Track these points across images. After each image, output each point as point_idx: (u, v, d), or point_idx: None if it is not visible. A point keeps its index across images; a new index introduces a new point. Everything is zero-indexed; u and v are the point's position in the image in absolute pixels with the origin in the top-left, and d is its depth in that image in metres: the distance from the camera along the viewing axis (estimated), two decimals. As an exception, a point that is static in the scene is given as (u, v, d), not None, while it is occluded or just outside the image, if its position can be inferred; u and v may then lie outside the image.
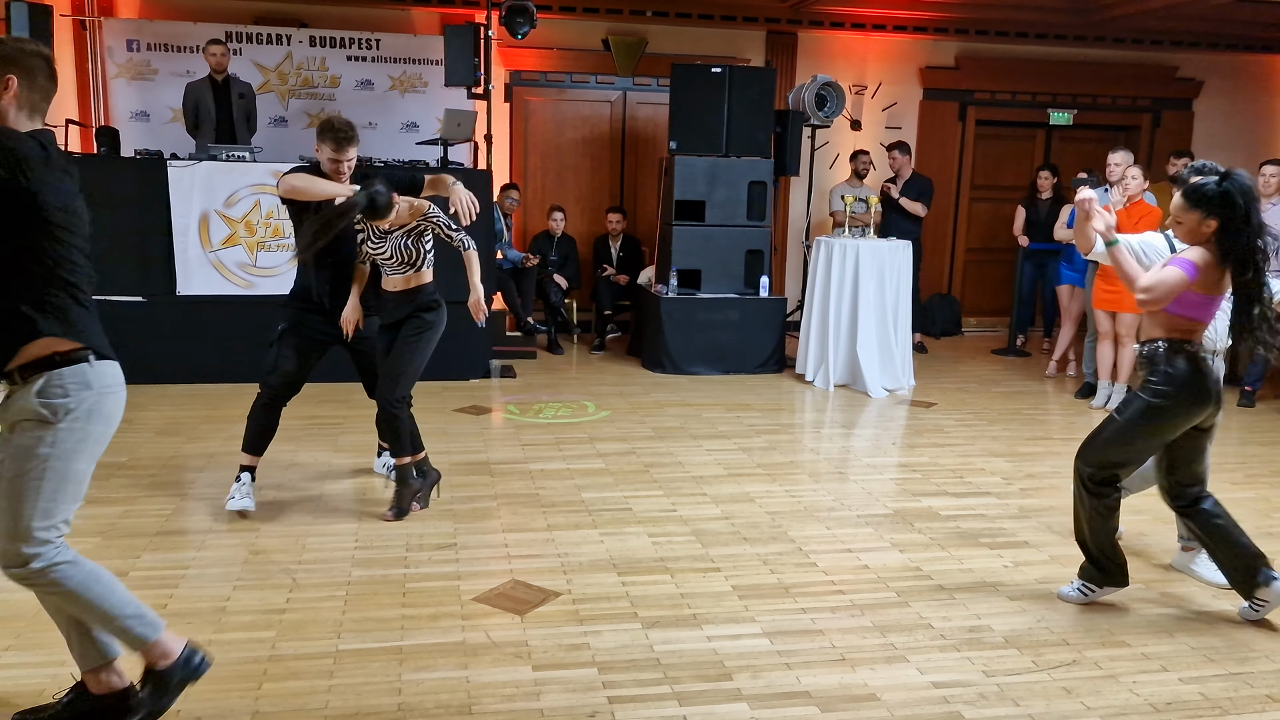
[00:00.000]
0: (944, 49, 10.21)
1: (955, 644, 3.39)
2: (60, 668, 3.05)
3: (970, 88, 10.32)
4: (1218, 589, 3.84)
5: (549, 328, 8.77)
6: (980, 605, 3.70)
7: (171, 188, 6.77)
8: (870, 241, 7.54)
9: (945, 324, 10.26)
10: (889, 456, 5.78)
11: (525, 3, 7.74)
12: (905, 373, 7.53)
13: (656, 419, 6.40)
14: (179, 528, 4.30)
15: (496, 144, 8.12)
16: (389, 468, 4.84)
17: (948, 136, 10.40)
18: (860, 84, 10.10)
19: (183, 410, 6.26)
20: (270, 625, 3.38)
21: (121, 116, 8.60)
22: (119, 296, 6.82)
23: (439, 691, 2.98)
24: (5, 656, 3.13)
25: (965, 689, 3.09)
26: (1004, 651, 3.34)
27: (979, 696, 3.05)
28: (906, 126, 10.28)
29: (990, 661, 3.27)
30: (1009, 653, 3.34)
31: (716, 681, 3.09)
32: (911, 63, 10.20)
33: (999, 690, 3.09)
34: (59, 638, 3.24)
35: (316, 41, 8.86)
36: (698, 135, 7.98)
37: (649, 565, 4.00)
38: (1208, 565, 3.85)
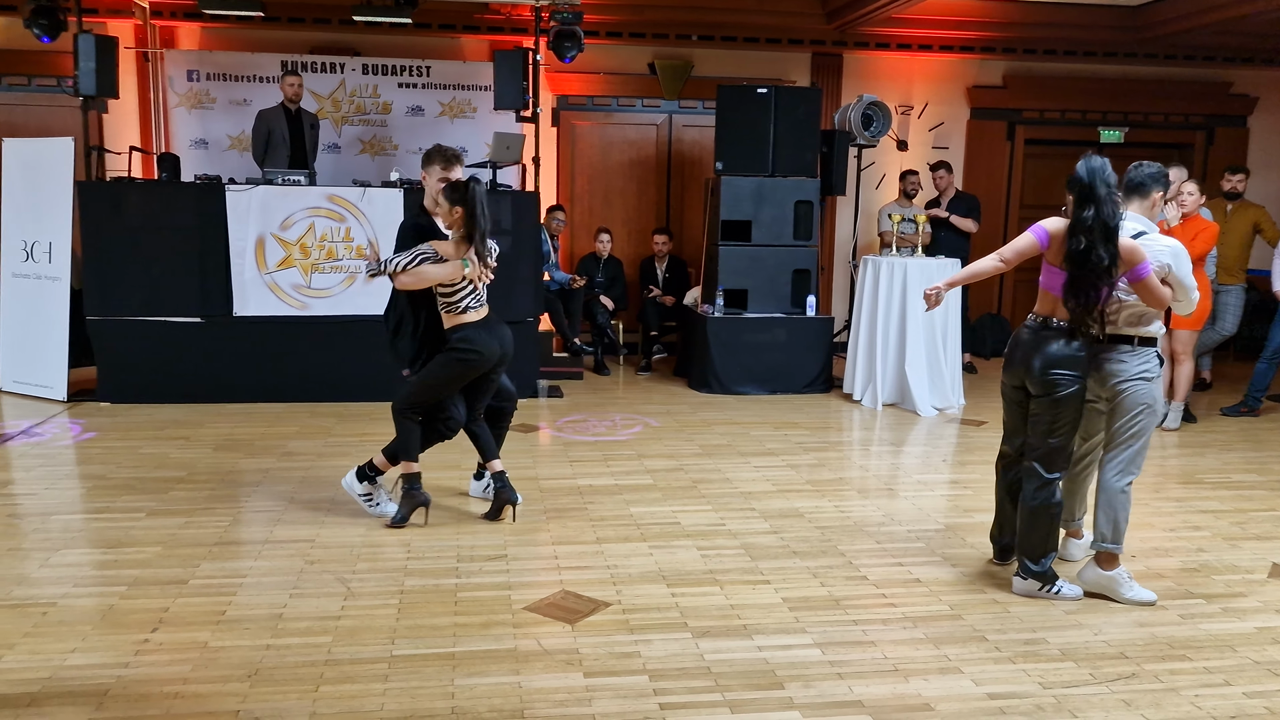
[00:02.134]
0: (991, 68, 10.18)
1: (1010, 656, 3.34)
2: (125, 669, 3.13)
3: (1018, 107, 10.26)
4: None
5: (596, 349, 8.82)
6: (1035, 619, 3.65)
7: (229, 211, 6.95)
8: (919, 260, 7.51)
9: (995, 344, 10.14)
10: (939, 473, 5.72)
11: (573, 28, 7.86)
12: (955, 391, 7.47)
13: (704, 437, 6.41)
14: (236, 538, 4.38)
15: (544, 167, 8.24)
16: (486, 489, 4.88)
17: (996, 156, 10.34)
18: (906, 104, 10.09)
19: (239, 428, 6.38)
20: (326, 631, 3.43)
21: (182, 144, 8.85)
22: (177, 317, 6.99)
23: (492, 696, 3.01)
24: (71, 658, 3.20)
25: (1021, 700, 3.05)
26: (1060, 664, 3.29)
27: (1035, 708, 3.01)
28: (954, 146, 10.24)
29: (1046, 673, 3.22)
30: (1065, 665, 3.28)
31: (768, 690, 3.08)
32: (958, 82, 10.17)
33: (1056, 702, 3.04)
34: (126, 641, 3.33)
35: (369, 69, 9.06)
36: (744, 156, 8.02)
37: (698, 577, 4.00)
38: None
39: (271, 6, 8.41)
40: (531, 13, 8.12)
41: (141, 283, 6.94)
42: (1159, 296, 3.68)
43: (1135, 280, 3.66)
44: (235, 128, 8.87)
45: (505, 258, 7.31)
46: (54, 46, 7.87)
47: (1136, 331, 3.79)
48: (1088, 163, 3.67)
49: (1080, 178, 3.65)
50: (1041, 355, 3.74)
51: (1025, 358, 3.80)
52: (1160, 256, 3.75)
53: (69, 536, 4.36)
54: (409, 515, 4.56)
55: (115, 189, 7.19)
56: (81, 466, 5.51)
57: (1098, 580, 3.84)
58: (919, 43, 9.77)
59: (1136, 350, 3.79)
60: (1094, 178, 3.62)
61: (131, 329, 6.95)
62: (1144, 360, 3.78)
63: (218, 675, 3.10)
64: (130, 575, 3.90)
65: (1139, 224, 3.84)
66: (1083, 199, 3.63)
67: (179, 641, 3.33)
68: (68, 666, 3.14)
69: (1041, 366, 3.74)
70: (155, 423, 6.47)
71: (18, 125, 8.75)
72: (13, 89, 8.95)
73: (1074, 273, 3.65)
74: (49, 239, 7.15)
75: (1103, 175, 3.63)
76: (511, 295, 7.34)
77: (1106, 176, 3.63)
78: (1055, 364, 3.71)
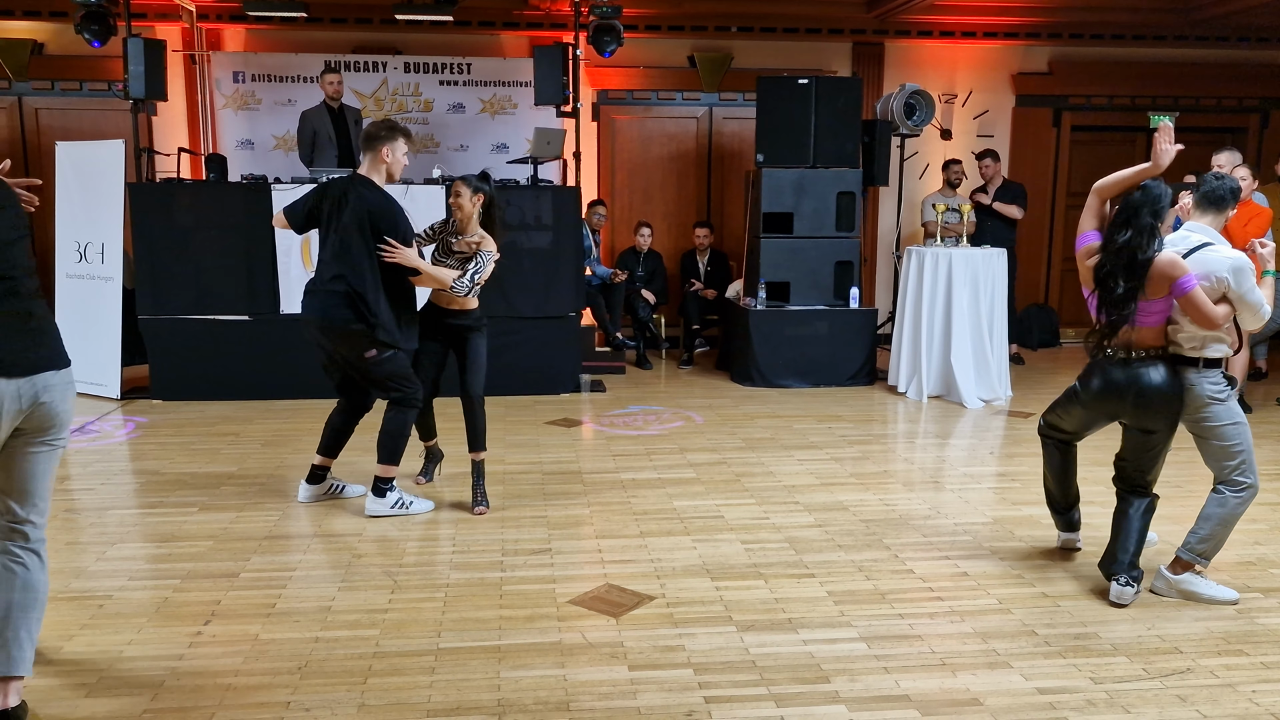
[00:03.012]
0: (1036, 54, 10.01)
1: (1060, 650, 3.30)
2: (179, 661, 3.19)
3: (1064, 93, 10.09)
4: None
5: (637, 343, 8.83)
6: (1086, 613, 3.60)
7: (275, 210, 7.02)
8: (963, 250, 7.42)
9: (1043, 335, 10.00)
10: (986, 466, 5.65)
11: (612, 22, 7.86)
12: (1002, 383, 7.37)
13: (746, 430, 6.39)
14: (285, 533, 4.45)
15: (584, 162, 8.24)
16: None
17: (1042, 143, 10.18)
18: (950, 92, 9.96)
19: (287, 424, 6.47)
20: (374, 624, 3.47)
21: (228, 144, 8.99)
22: (226, 316, 7.10)
23: (537, 689, 3.02)
24: (127, 649, 3.27)
25: (1072, 695, 3.01)
26: (1112, 659, 3.24)
27: (1087, 703, 2.96)
28: (999, 134, 10.09)
29: (1098, 668, 3.17)
30: (1118, 660, 3.23)
31: (814, 684, 3.07)
32: (1003, 69, 10.02)
33: (1108, 697, 2.99)
34: (179, 633, 3.40)
35: (411, 68, 9.13)
36: (785, 147, 7.97)
37: (742, 571, 3.99)
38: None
39: (314, 7, 8.50)
40: (571, 8, 8.13)
41: (191, 282, 7.06)
42: (1207, 314, 3.48)
43: (1178, 295, 3.51)
44: (280, 128, 8.99)
45: (546, 253, 7.42)
46: (104, 51, 8.05)
47: (1200, 354, 3.60)
48: (1150, 188, 3.57)
49: (1132, 199, 3.56)
50: (1139, 388, 3.62)
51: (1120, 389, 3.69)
52: (1216, 269, 3.52)
53: (124, 531, 4.46)
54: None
55: (165, 190, 7.32)
56: (135, 463, 5.62)
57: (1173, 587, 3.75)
58: (962, 30, 9.64)
59: (1203, 372, 3.61)
60: (1143, 204, 3.53)
61: (182, 327, 7.08)
62: (1211, 381, 3.60)
63: (269, 667, 3.15)
64: (183, 569, 3.98)
65: (1205, 235, 3.66)
66: (1124, 221, 3.55)
67: (231, 634, 3.39)
68: (124, 658, 3.21)
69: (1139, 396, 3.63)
70: (206, 419, 6.59)
71: (71, 129, 8.95)
72: (65, 93, 9.14)
73: (1100, 293, 3.62)
74: (101, 240, 7.30)
75: (1155, 204, 3.53)
76: (553, 290, 7.38)
77: (1159, 207, 3.54)
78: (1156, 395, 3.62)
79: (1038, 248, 10.25)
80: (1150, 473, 3.78)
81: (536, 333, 7.38)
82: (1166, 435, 3.69)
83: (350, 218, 4.44)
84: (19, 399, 2.67)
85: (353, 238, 4.43)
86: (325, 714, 2.87)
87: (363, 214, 4.41)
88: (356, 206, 4.43)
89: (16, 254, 2.75)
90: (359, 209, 4.42)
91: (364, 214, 4.41)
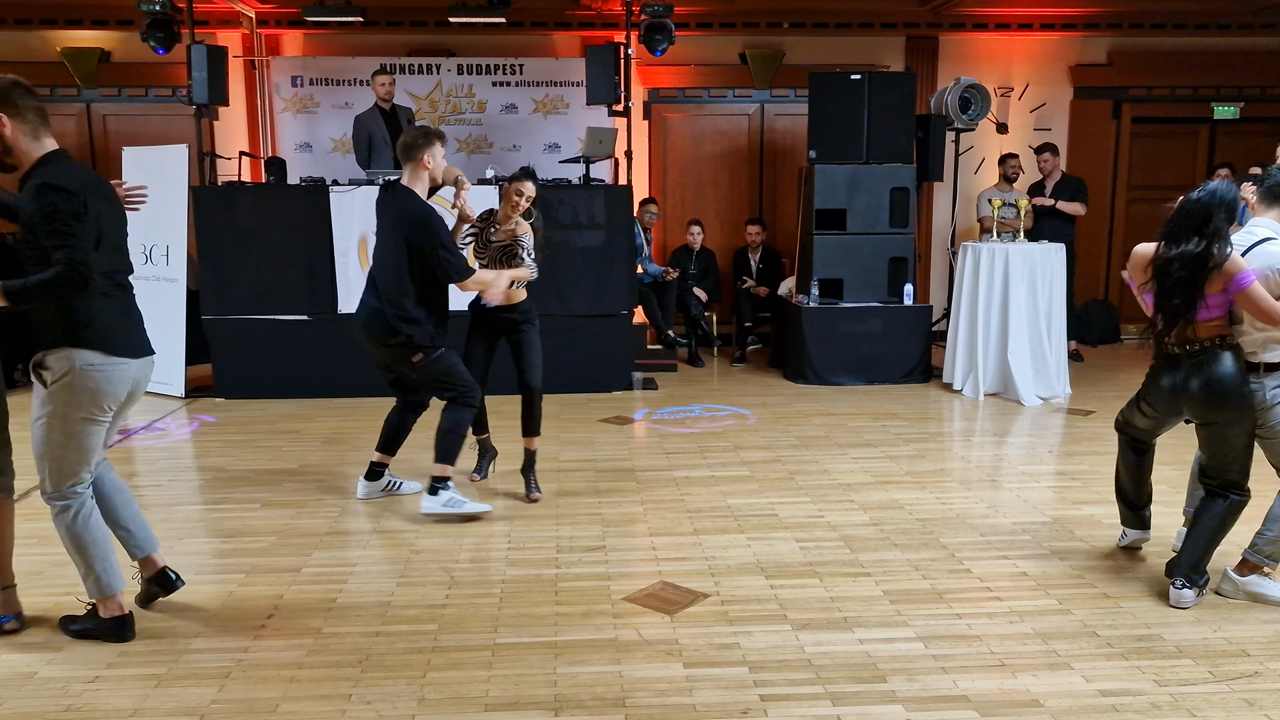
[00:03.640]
0: (1095, 45, 9.83)
1: (1123, 652, 3.24)
2: (245, 653, 3.27)
3: (1125, 84, 9.89)
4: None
5: (690, 340, 8.83)
6: (1150, 614, 3.53)
7: (333, 212, 7.17)
8: (1020, 245, 7.30)
9: (1103, 331, 9.82)
10: (1045, 464, 5.57)
11: (664, 20, 7.87)
12: (1060, 380, 7.25)
13: (800, 428, 6.36)
14: (345, 529, 4.53)
15: (636, 160, 8.26)
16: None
17: (1101, 136, 9.99)
18: (1006, 86, 9.82)
19: (346, 421, 6.59)
20: (432, 619, 3.53)
21: (287, 148, 9.16)
22: (287, 315, 7.24)
23: (594, 685, 3.05)
24: (195, 642, 3.36)
25: (1136, 698, 2.96)
26: (1177, 661, 3.18)
27: (1151, 706, 2.91)
28: (1056, 127, 9.93)
29: (1162, 671, 3.12)
30: (1183, 662, 3.17)
31: (870, 683, 3.05)
32: (1060, 61, 9.85)
33: (1173, 700, 2.94)
34: (245, 626, 3.48)
35: (464, 69, 9.23)
36: (837, 143, 7.92)
37: (797, 569, 3.98)
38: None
39: (370, 11, 8.63)
40: (622, 7, 8.16)
41: (252, 282, 7.22)
42: (1265, 309, 3.39)
43: (1235, 292, 3.42)
44: (337, 130, 9.14)
45: (598, 252, 7.46)
46: (168, 58, 8.24)
47: (1259, 359, 3.54)
48: (1218, 190, 3.48)
49: (1200, 202, 3.47)
50: (1203, 379, 3.55)
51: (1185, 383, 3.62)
52: (1275, 262, 3.47)
53: (191, 526, 4.57)
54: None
55: (227, 193, 7.48)
56: (200, 460, 5.76)
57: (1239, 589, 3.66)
58: (1018, 22, 9.49)
59: (1264, 376, 3.53)
60: (1215, 208, 3.44)
61: (244, 327, 7.24)
62: (1274, 384, 3.53)
63: (330, 660, 3.22)
64: (248, 564, 4.07)
65: (1268, 230, 3.58)
66: (1194, 228, 3.47)
67: (294, 627, 3.47)
68: (192, 650, 3.30)
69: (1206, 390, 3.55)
70: (268, 417, 6.73)
71: (137, 134, 9.19)
72: (131, 100, 9.39)
73: (1158, 294, 3.57)
74: (166, 242, 7.49)
75: (1229, 209, 3.44)
76: (605, 289, 7.41)
77: (1234, 212, 3.45)
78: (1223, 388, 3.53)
79: (1097, 243, 10.06)
80: (1229, 470, 3.63)
81: (589, 331, 7.42)
82: (1240, 427, 3.56)
83: (388, 228, 4.49)
84: (138, 379, 3.32)
85: (390, 248, 4.46)
86: (386, 707, 2.92)
87: (401, 225, 4.42)
88: (396, 217, 4.45)
89: (127, 253, 3.33)
90: (398, 219, 4.44)
91: (402, 225, 4.42)
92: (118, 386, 3.22)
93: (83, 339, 3.13)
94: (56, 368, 3.14)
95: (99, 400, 3.19)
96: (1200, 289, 3.45)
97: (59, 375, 3.14)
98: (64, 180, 3.05)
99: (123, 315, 3.28)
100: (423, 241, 4.39)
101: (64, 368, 3.14)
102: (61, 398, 3.16)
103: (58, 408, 3.17)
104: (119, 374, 3.21)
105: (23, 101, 3.11)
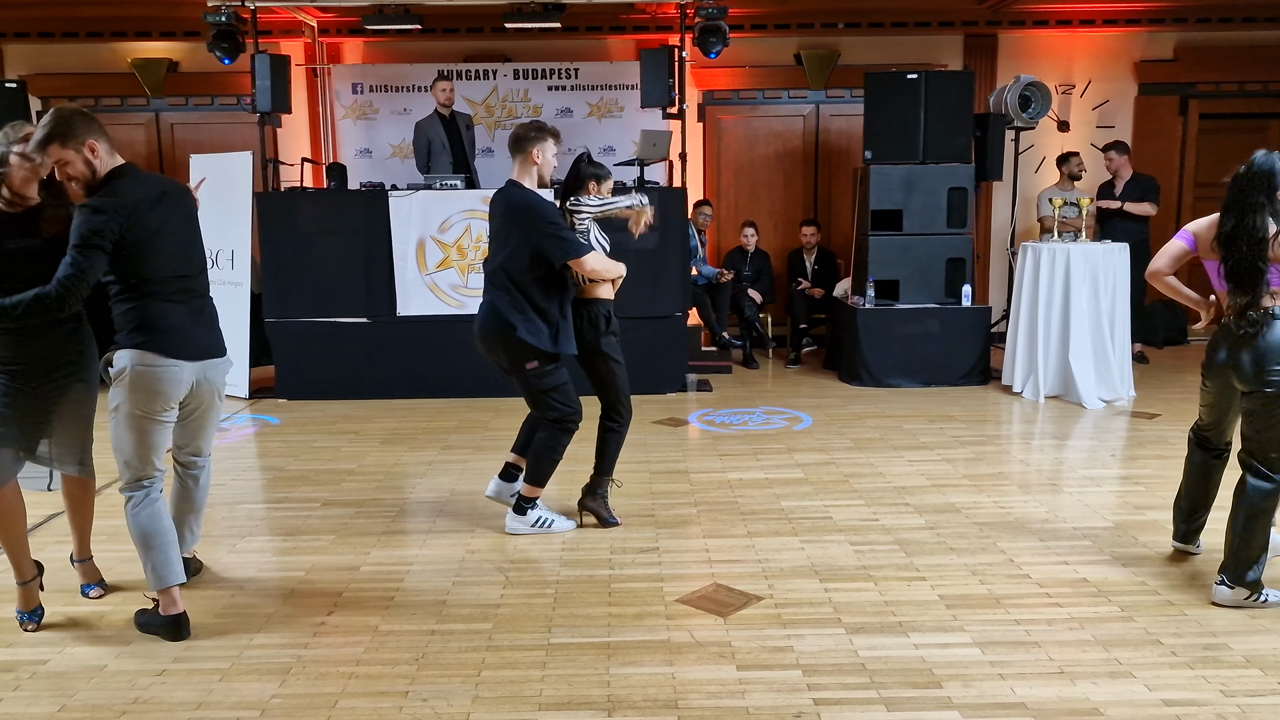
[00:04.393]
0: (1161, 40, 9.61)
1: (1188, 661, 3.17)
2: (305, 649, 3.34)
3: (1191, 80, 9.65)
4: None
5: (744, 342, 8.81)
6: (1216, 622, 3.44)
7: (392, 216, 7.28)
8: (1082, 245, 7.16)
9: (1169, 333, 9.58)
10: (1108, 469, 5.46)
11: (718, 23, 7.86)
12: (1124, 383, 7.10)
13: (855, 430, 6.31)
14: (402, 528, 4.60)
15: (690, 162, 8.26)
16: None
17: (1167, 133, 9.76)
18: (1067, 83, 9.64)
19: (404, 422, 6.68)
20: (486, 618, 3.57)
21: (348, 153, 9.33)
22: (346, 318, 7.37)
23: (646, 686, 3.06)
24: (257, 638, 3.44)
25: (1201, 708, 2.89)
26: (1245, 671, 3.10)
27: (1216, 717, 2.84)
28: (1120, 125, 9.72)
29: (1229, 681, 3.04)
30: (1251, 673, 3.09)
31: (925, 689, 3.02)
32: (1124, 57, 9.65)
33: (1240, 712, 2.86)
34: (305, 623, 3.54)
35: (520, 74, 9.32)
36: (893, 143, 7.85)
37: (851, 572, 3.95)
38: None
39: (428, 19, 8.74)
40: (677, 10, 8.17)
41: (313, 286, 7.36)
42: None
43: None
44: (396, 136, 9.28)
45: (652, 254, 7.47)
46: (233, 68, 8.43)
47: None
48: (1257, 161, 3.56)
49: (1239, 176, 3.53)
50: (1252, 350, 3.50)
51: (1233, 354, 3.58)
52: None
53: (253, 524, 4.68)
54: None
55: (289, 198, 7.64)
56: (262, 459, 5.89)
57: None
58: (1080, 18, 9.32)
59: None
60: (1256, 181, 3.50)
61: (305, 329, 7.38)
62: None
63: (388, 657, 3.27)
64: (308, 561, 4.15)
65: None
66: (1251, 206, 3.49)
67: (352, 624, 3.53)
68: (254, 645, 3.38)
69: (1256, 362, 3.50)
70: (328, 418, 6.85)
71: (204, 142, 9.43)
72: (198, 108, 9.64)
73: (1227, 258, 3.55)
74: (231, 247, 7.67)
75: (1271, 181, 3.49)
76: (659, 290, 7.42)
77: (1273, 185, 3.48)
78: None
79: (1162, 242, 9.76)
80: (1271, 448, 3.53)
81: (643, 333, 7.43)
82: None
83: (500, 223, 4.30)
84: (199, 381, 3.46)
85: (502, 243, 4.26)
86: (441, 704, 2.96)
87: (511, 216, 4.23)
88: (505, 211, 4.28)
89: (193, 258, 3.48)
90: (508, 213, 4.26)
91: (513, 216, 4.23)
92: (170, 387, 3.35)
93: (136, 340, 3.30)
94: (116, 366, 3.32)
95: (152, 400, 3.33)
96: (1265, 267, 3.44)
97: (118, 374, 3.32)
98: (104, 200, 3.19)
99: (190, 319, 3.41)
100: (532, 228, 4.16)
101: (121, 366, 3.31)
102: (120, 395, 3.33)
103: (120, 404, 3.34)
104: (170, 375, 3.33)
105: (97, 126, 3.28)
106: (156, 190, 3.33)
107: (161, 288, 3.30)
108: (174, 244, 3.35)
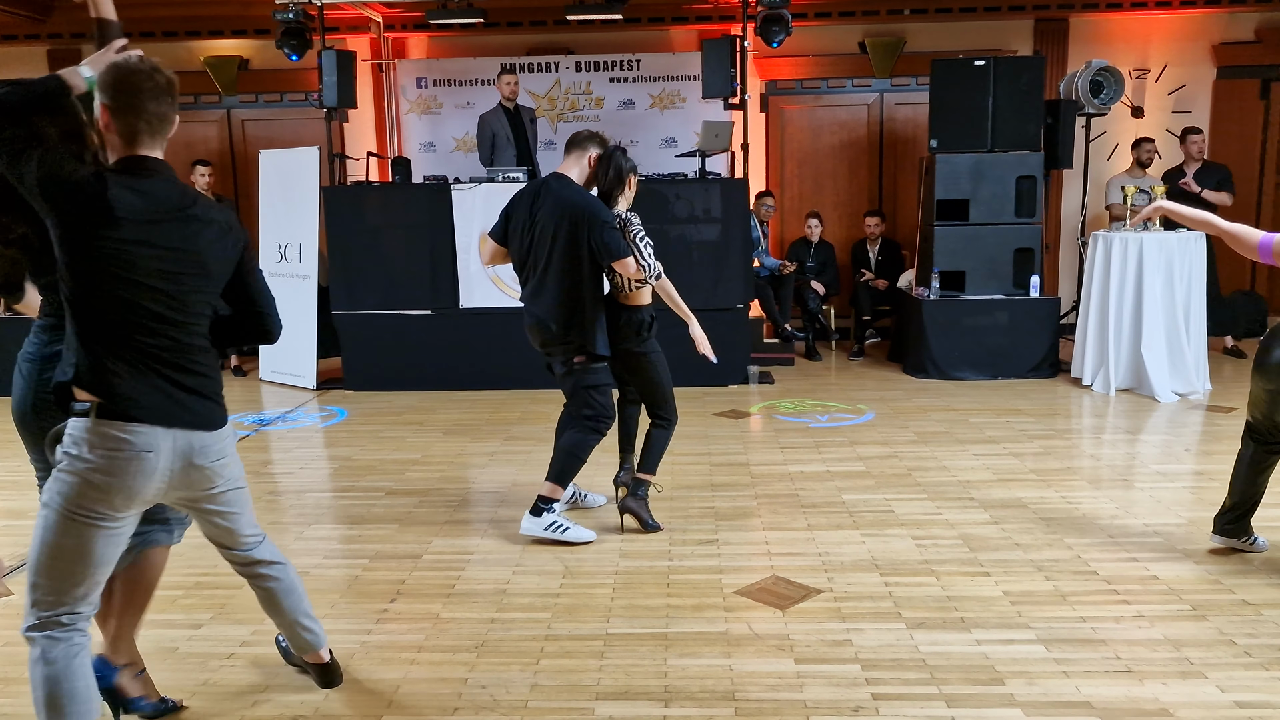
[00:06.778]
0: (1242, 21, 9.27)
1: (1263, 662, 3.07)
2: (368, 635, 3.40)
3: (1275, 62, 9.29)
4: None
5: (807, 334, 8.74)
6: (1294, 624, 3.34)
7: (455, 209, 7.36)
8: (1156, 234, 6.96)
9: (1249, 324, 9.25)
10: (1181, 464, 5.31)
11: (781, 11, 7.79)
12: (1199, 376, 6.89)
13: (919, 423, 6.23)
14: (464, 517, 4.66)
15: (753, 153, 8.20)
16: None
17: (1248, 118, 9.42)
18: (1142, 68, 9.36)
19: (467, 413, 6.77)
20: (546, 608, 3.60)
21: (412, 148, 9.45)
22: (411, 310, 7.48)
23: (704, 677, 3.06)
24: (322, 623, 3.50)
25: (1276, 711, 2.79)
26: (1324, 674, 2.99)
27: (1293, 721, 2.75)
28: (1197, 110, 9.41)
29: (1307, 684, 2.94)
30: (1330, 676, 2.98)
31: (987, 686, 2.97)
32: (1202, 40, 9.33)
33: (1318, 715, 2.77)
34: (368, 609, 3.62)
35: (582, 66, 9.34)
36: (960, 132, 7.70)
37: (913, 567, 3.90)
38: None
39: (491, 12, 8.80)
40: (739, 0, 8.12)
41: (379, 278, 7.48)
42: None
43: None
44: (460, 130, 9.37)
45: (715, 245, 7.45)
46: (301, 64, 8.60)
47: None
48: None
49: None
50: None
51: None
52: None
53: (320, 512, 4.78)
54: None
55: (355, 192, 7.77)
56: (329, 449, 6.01)
57: None
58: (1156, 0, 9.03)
59: None
60: None
61: (371, 322, 7.51)
62: None
63: (449, 645, 3.32)
64: (372, 549, 4.23)
65: None
66: None
67: (415, 612, 3.59)
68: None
69: None
70: (393, 409, 6.97)
71: (274, 137, 9.63)
72: (268, 105, 9.85)
73: None
74: (299, 240, 7.83)
75: None
76: (721, 282, 7.40)
77: None
78: None
79: (1243, 230, 9.48)
80: None
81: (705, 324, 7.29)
82: None
83: (546, 219, 4.13)
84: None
85: (548, 239, 4.13)
86: (500, 691, 3.00)
87: (561, 213, 4.10)
88: (553, 207, 4.13)
89: (172, 294, 2.48)
90: (556, 209, 4.12)
91: (563, 212, 4.10)
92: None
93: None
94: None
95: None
96: None
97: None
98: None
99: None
100: (590, 226, 4.07)
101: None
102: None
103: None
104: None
105: (136, 100, 2.38)
106: (150, 208, 2.41)
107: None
108: (147, 270, 2.42)
